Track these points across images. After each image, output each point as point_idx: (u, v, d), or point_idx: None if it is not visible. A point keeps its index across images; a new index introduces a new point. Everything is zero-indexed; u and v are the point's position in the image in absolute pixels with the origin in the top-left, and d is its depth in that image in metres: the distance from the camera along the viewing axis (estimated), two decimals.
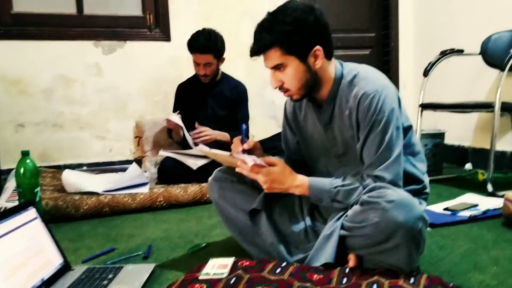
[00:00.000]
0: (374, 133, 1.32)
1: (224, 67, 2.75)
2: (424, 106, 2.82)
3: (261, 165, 1.36)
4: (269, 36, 1.30)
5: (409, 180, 1.44)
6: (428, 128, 3.21)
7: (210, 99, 2.76)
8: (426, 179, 1.52)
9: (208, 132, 2.63)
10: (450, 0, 3.39)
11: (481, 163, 3.00)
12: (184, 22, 3.22)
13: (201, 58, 2.59)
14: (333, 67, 1.42)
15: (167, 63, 3.22)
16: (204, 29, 2.61)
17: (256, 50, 1.34)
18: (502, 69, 2.36)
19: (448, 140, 3.34)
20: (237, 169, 1.40)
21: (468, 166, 3.22)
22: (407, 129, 1.46)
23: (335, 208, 1.38)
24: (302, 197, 1.52)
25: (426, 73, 2.86)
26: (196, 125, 2.65)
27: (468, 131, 3.28)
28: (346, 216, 1.31)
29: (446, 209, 2.09)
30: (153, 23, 3.18)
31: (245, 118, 2.84)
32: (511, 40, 2.64)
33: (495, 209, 2.04)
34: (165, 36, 3.20)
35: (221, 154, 1.46)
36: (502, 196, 1.96)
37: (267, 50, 1.32)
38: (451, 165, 3.38)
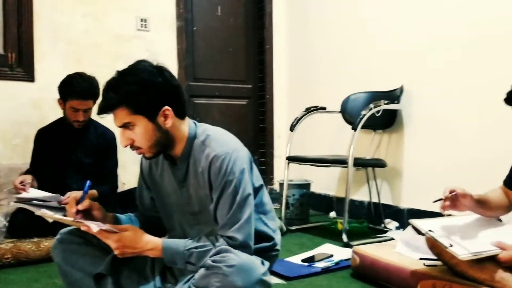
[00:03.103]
0: (225, 194, 1.36)
1: (93, 112, 2.64)
2: (290, 159, 2.97)
3: (109, 230, 1.31)
4: (115, 95, 1.30)
5: (260, 238, 1.48)
6: (297, 179, 3.39)
7: (74, 146, 2.61)
8: (277, 236, 1.58)
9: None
10: (317, 60, 3.69)
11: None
12: (51, 63, 3.05)
13: (82, 104, 2.46)
14: (187, 126, 1.44)
15: (29, 105, 3.01)
16: (79, 74, 2.49)
17: (103, 108, 1.33)
18: (354, 129, 2.59)
19: (316, 189, 3.56)
20: (83, 228, 1.33)
21: (333, 214, 3.44)
22: (259, 189, 1.52)
23: (188, 269, 1.37)
24: (155, 258, 1.49)
25: (292, 128, 3.03)
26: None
27: (332, 181, 3.52)
28: (194, 279, 1.30)
29: (303, 260, 2.18)
30: (16, 62, 2.97)
31: (114, 167, 2.73)
32: (365, 101, 2.92)
33: (347, 260, 2.17)
34: (29, 76, 3.00)
35: (65, 219, 1.39)
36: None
37: (114, 109, 1.32)
38: (319, 213, 3.58)
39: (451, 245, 1.45)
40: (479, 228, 1.64)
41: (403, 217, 2.92)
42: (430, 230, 1.54)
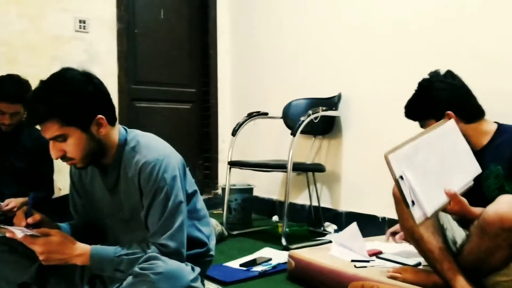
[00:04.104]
0: (157, 201, 1.35)
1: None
2: (232, 164, 2.98)
3: (34, 235, 1.27)
4: (45, 107, 1.25)
5: (194, 244, 1.48)
6: (240, 183, 3.42)
7: (7, 150, 2.50)
8: (212, 241, 1.58)
9: (13, 204, 2.37)
10: (261, 65, 3.72)
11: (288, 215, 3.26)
12: None
13: (9, 107, 2.36)
14: (117, 132, 1.42)
15: None
16: (11, 76, 2.40)
17: (31, 121, 1.28)
18: (293, 135, 2.64)
19: (259, 193, 3.59)
20: (7, 234, 1.28)
21: (275, 218, 3.48)
22: (192, 195, 1.52)
23: (119, 277, 1.35)
24: (85, 266, 1.45)
25: (234, 132, 3.05)
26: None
27: (275, 186, 3.57)
28: (122, 287, 1.28)
29: (241, 265, 2.20)
30: None
31: (50, 171, 2.65)
32: (305, 107, 2.99)
33: (284, 263, 2.20)
34: None
35: None
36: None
37: (43, 122, 1.27)
38: (262, 217, 3.61)
39: (413, 204, 1.39)
40: (441, 162, 1.54)
41: (342, 220, 3.00)
42: (401, 177, 1.41)
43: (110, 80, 3.38)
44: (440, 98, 1.70)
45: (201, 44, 3.99)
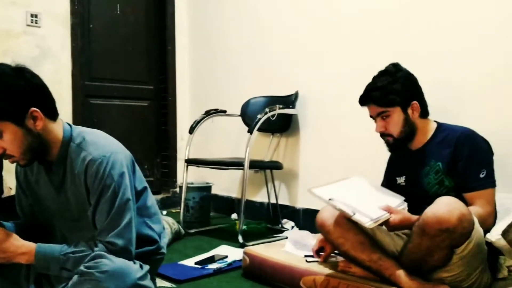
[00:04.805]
0: (104, 199, 1.32)
1: None
2: (189, 162, 2.96)
3: None
4: None
5: (144, 241, 1.46)
6: (198, 181, 3.40)
7: None
8: (163, 239, 1.56)
9: None
10: (220, 63, 3.71)
11: (246, 213, 3.27)
12: None
13: None
14: (61, 128, 1.38)
15: None
16: None
17: None
18: (250, 132, 2.65)
19: (218, 192, 3.58)
20: None
21: (234, 216, 3.48)
22: (142, 191, 1.50)
23: (65, 276, 1.31)
24: (31, 265, 1.41)
25: (191, 130, 3.03)
26: None
27: (234, 183, 3.56)
28: (68, 286, 1.26)
29: (197, 263, 2.19)
30: None
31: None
32: (263, 105, 2.99)
33: (240, 260, 2.21)
34: None
35: None
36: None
37: None
38: (221, 215, 3.60)
39: (354, 213, 1.48)
40: (364, 193, 1.69)
41: (299, 217, 3.04)
42: (330, 199, 1.54)
43: (64, 76, 3.29)
44: (408, 86, 1.71)
45: (158, 40, 3.94)
